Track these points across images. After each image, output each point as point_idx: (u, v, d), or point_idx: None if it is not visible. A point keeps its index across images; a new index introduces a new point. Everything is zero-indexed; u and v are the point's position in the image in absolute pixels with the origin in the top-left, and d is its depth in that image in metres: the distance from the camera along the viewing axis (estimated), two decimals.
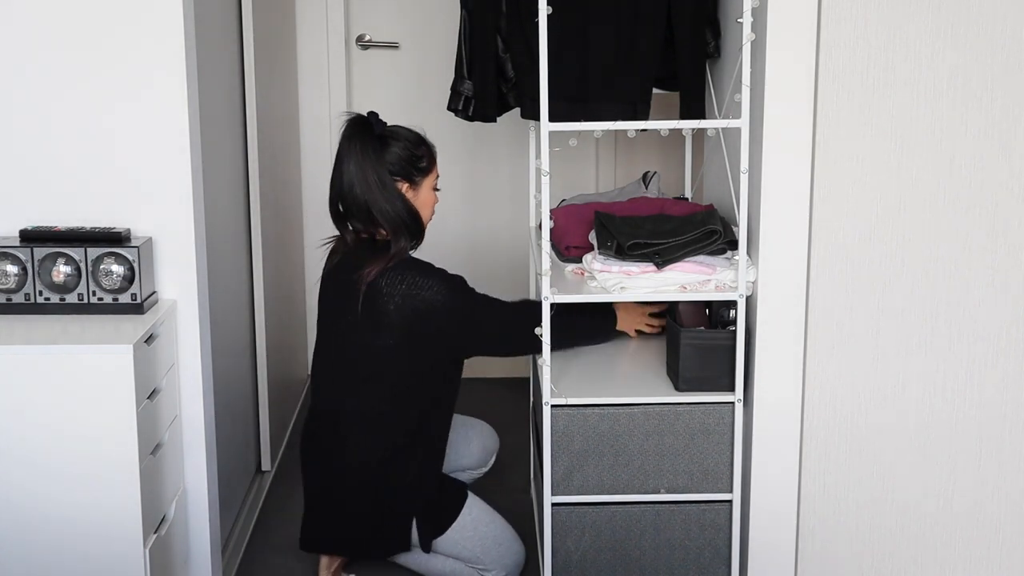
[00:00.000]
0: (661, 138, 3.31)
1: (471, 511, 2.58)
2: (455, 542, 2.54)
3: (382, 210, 2.48)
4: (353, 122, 2.51)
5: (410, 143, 2.52)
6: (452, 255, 4.15)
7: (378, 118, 2.52)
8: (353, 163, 2.47)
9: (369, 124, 2.50)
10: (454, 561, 2.55)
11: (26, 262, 2.20)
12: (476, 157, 4.10)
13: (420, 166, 2.52)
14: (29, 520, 2.06)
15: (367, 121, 2.51)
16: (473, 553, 2.54)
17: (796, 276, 2.39)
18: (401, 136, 2.52)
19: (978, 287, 2.37)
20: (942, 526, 2.47)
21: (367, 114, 2.52)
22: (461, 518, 2.56)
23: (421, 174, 2.53)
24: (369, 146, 2.47)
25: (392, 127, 2.55)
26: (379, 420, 2.56)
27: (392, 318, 2.47)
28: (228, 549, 2.75)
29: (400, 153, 2.49)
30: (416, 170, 2.51)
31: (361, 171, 2.46)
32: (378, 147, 2.48)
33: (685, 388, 2.49)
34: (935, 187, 2.34)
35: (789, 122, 2.33)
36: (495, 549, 2.55)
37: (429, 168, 2.55)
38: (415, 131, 2.56)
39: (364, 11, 4.02)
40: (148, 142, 2.25)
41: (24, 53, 2.22)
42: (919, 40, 2.29)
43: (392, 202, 2.48)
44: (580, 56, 2.63)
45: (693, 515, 2.50)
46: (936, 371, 2.41)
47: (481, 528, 2.55)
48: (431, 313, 2.47)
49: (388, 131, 2.52)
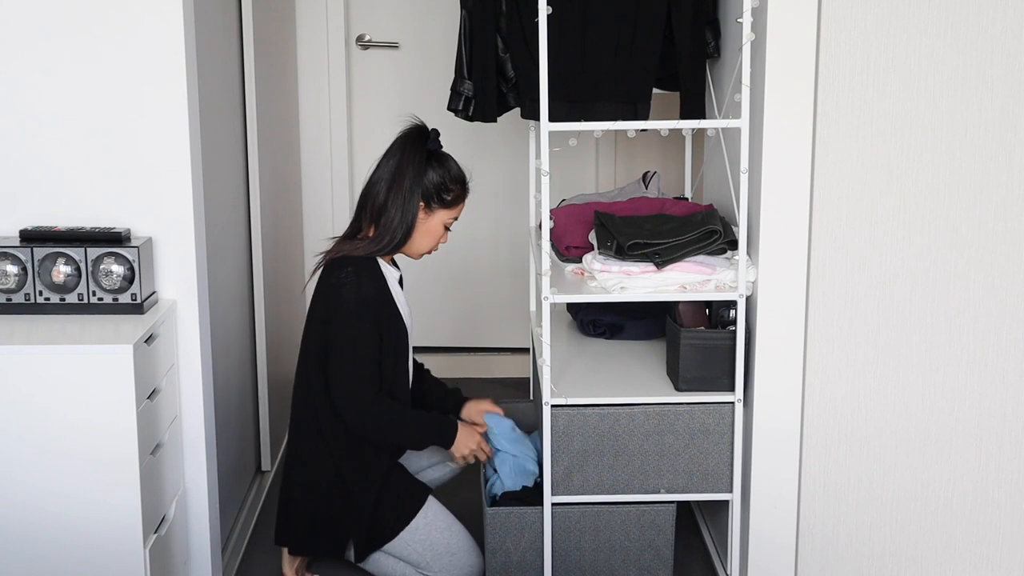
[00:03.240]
0: (661, 138, 3.31)
1: (426, 516, 2.53)
2: (405, 544, 2.50)
3: (390, 213, 2.50)
4: (416, 128, 2.58)
5: (450, 173, 2.57)
6: (452, 255, 4.16)
7: (438, 137, 2.58)
8: (395, 162, 2.53)
9: (426, 137, 2.54)
10: (404, 565, 2.52)
11: (26, 262, 2.20)
12: (476, 157, 4.10)
13: (445, 197, 2.55)
14: (29, 520, 2.06)
15: (427, 133, 2.55)
16: (422, 558, 2.50)
17: (796, 276, 2.39)
18: (446, 163, 2.58)
19: (978, 287, 2.37)
20: (942, 526, 2.47)
21: (432, 129, 2.56)
22: (415, 522, 2.51)
23: (441, 204, 2.55)
24: (418, 156, 2.53)
25: (445, 153, 2.59)
26: (314, 412, 2.55)
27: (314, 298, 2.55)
28: (228, 549, 2.75)
29: (436, 176, 2.54)
30: (439, 199, 2.55)
31: (399, 172, 2.51)
32: (423, 161, 2.52)
33: (685, 388, 2.49)
34: (935, 187, 2.34)
35: (789, 122, 2.33)
36: (446, 557, 2.50)
37: (452, 204, 2.58)
38: (462, 169, 2.61)
39: (364, 11, 4.01)
40: (148, 142, 2.25)
41: (24, 53, 2.22)
42: (919, 40, 2.29)
43: (403, 211, 2.51)
44: (580, 56, 2.63)
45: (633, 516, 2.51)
46: (936, 371, 2.41)
47: (434, 535, 2.50)
48: (330, 307, 2.50)
49: (439, 153, 2.58)
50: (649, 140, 3.85)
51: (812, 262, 2.39)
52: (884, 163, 2.34)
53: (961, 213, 2.35)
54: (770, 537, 2.50)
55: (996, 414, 2.42)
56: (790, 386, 2.43)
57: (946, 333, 2.40)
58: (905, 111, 2.32)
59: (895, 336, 2.40)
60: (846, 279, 2.39)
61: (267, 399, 3.23)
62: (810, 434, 2.46)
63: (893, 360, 2.41)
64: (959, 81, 2.30)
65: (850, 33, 2.29)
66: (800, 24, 2.29)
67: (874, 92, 2.31)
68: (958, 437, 2.44)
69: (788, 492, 2.48)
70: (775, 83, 2.32)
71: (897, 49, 2.30)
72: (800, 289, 2.40)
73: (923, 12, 2.28)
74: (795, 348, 2.42)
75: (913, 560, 2.50)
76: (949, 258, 2.37)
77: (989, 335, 2.39)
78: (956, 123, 2.32)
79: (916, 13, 2.28)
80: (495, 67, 2.79)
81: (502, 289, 4.12)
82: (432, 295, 4.10)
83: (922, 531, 2.48)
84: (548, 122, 2.37)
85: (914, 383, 2.42)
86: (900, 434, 2.44)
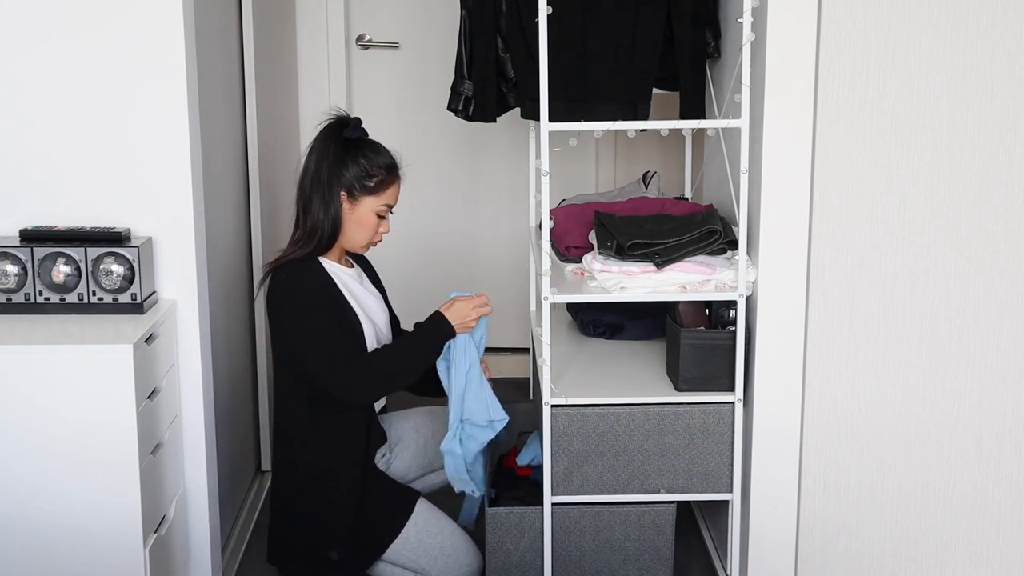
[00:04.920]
0: (661, 138, 3.31)
1: (416, 523, 2.48)
2: (399, 553, 2.46)
3: (314, 209, 2.45)
4: (334, 120, 2.51)
5: (371, 160, 2.47)
6: (452, 255, 4.16)
7: (359, 125, 2.48)
8: (315, 157, 2.47)
9: (343, 126, 2.49)
10: (402, 571, 2.51)
11: (26, 262, 2.20)
12: (476, 157, 4.10)
13: (367, 183, 2.46)
14: (29, 519, 2.06)
15: (345, 123, 2.50)
16: (418, 564, 2.47)
17: (796, 276, 2.39)
18: (368, 150, 2.48)
19: (978, 287, 2.37)
20: (942, 526, 2.47)
21: (352, 118, 2.50)
22: (404, 532, 2.47)
23: (364, 191, 2.46)
24: (334, 146, 2.46)
25: (368, 140, 2.50)
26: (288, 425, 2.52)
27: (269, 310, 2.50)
28: (228, 549, 2.75)
29: (356, 165, 2.45)
30: (361, 186, 2.45)
31: (317, 166, 2.46)
32: (340, 150, 2.45)
33: (685, 388, 2.49)
34: (935, 187, 2.34)
35: (789, 122, 2.33)
36: (441, 560, 2.48)
37: (376, 190, 2.47)
38: (389, 153, 2.50)
39: (364, 11, 4.01)
40: (148, 142, 2.25)
41: (24, 53, 2.22)
42: (919, 40, 2.29)
43: (325, 205, 2.45)
44: (580, 56, 2.63)
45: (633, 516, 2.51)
46: (936, 371, 2.41)
47: (427, 540, 2.47)
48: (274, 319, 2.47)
49: (360, 141, 2.48)
50: (649, 140, 3.85)
51: (812, 262, 2.39)
52: (884, 163, 2.34)
53: (961, 213, 2.35)
54: (770, 537, 2.50)
55: (996, 414, 2.42)
56: (790, 386, 2.43)
57: (946, 333, 2.40)
58: (905, 111, 2.32)
59: (895, 336, 2.40)
60: (846, 279, 2.39)
61: (267, 399, 3.23)
62: (810, 434, 2.46)
63: (893, 360, 2.41)
64: (959, 81, 2.30)
65: (850, 33, 2.29)
66: (800, 24, 2.29)
67: (874, 92, 2.31)
68: (958, 437, 2.44)
69: (788, 492, 2.48)
70: (775, 83, 2.32)
71: (897, 49, 2.30)
72: (800, 289, 2.40)
73: (923, 12, 2.28)
74: (795, 348, 2.42)
75: (913, 560, 2.50)
76: (949, 258, 2.37)
77: (989, 335, 2.39)
78: (956, 123, 2.32)
79: (916, 13, 2.28)
80: (495, 67, 2.78)
81: (502, 289, 4.12)
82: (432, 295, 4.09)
83: (922, 531, 2.48)
84: (548, 122, 2.37)
85: (914, 383, 2.42)
86: (900, 434, 2.44)
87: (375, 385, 2.45)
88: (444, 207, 4.11)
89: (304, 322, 2.41)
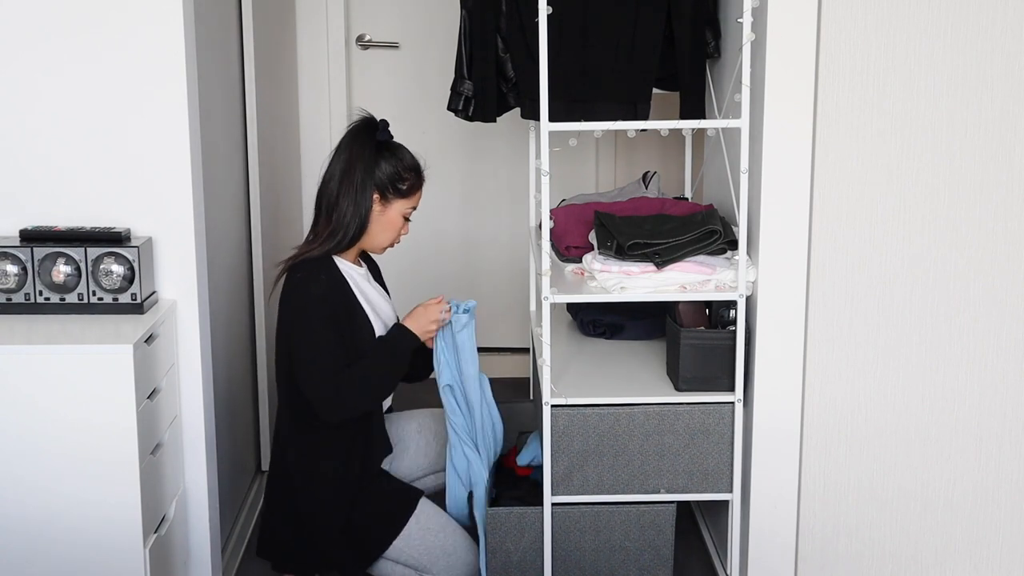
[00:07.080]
0: (661, 138, 3.31)
1: (419, 520, 2.50)
2: (400, 551, 2.48)
3: (343, 208, 2.47)
4: (364, 121, 2.53)
5: (402, 163, 2.51)
6: (452, 255, 4.16)
7: (387, 128, 2.53)
8: (345, 157, 2.48)
9: (374, 128, 2.51)
10: (403, 568, 2.51)
11: (26, 262, 2.20)
12: (476, 157, 4.10)
13: (400, 187, 2.50)
14: (29, 519, 2.06)
15: (375, 125, 2.51)
16: (420, 562, 2.48)
17: (796, 276, 2.39)
18: (398, 153, 2.52)
19: (978, 287, 2.37)
20: (942, 526, 2.47)
21: (380, 120, 2.53)
22: (407, 529, 2.48)
23: (397, 195, 2.50)
24: (367, 148, 2.48)
25: (396, 143, 2.54)
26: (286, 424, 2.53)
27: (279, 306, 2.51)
28: (228, 549, 2.75)
29: (389, 167, 2.49)
30: (394, 189, 2.49)
31: (349, 166, 2.47)
32: (373, 152, 2.48)
33: (685, 388, 2.49)
34: (935, 187, 2.34)
35: (789, 122, 2.33)
36: (443, 559, 2.49)
37: (408, 193, 2.52)
38: (415, 157, 2.55)
39: (364, 11, 4.01)
40: (148, 142, 2.25)
41: (24, 53, 2.22)
42: (919, 40, 2.29)
43: (356, 205, 2.47)
44: (580, 56, 2.63)
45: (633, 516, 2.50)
46: (936, 371, 2.41)
47: (429, 538, 2.48)
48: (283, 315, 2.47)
49: (390, 144, 2.52)
50: (649, 140, 3.85)
51: (812, 262, 2.39)
52: (884, 163, 2.34)
53: (961, 213, 2.35)
54: (770, 537, 2.50)
55: (996, 414, 2.42)
56: (790, 386, 2.44)
57: (946, 333, 2.40)
58: (905, 111, 2.32)
59: (895, 336, 2.40)
60: (846, 279, 2.39)
61: (267, 399, 3.23)
62: (810, 434, 2.46)
63: (893, 360, 2.41)
64: (959, 81, 2.30)
65: (850, 33, 2.29)
66: (800, 24, 2.29)
67: (874, 92, 2.31)
68: (958, 437, 2.44)
69: (788, 492, 2.48)
70: (775, 83, 2.32)
71: (897, 49, 2.30)
72: (800, 289, 2.40)
73: (923, 12, 2.28)
74: (795, 348, 2.42)
75: (913, 560, 2.50)
76: (949, 258, 2.37)
77: (989, 335, 2.39)
78: (956, 123, 2.32)
79: (916, 13, 2.28)
80: (495, 67, 2.78)
81: (502, 289, 4.12)
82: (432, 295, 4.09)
83: (922, 531, 2.48)
84: (548, 122, 2.37)
85: (914, 383, 2.42)
86: (900, 434, 2.45)
87: (351, 405, 2.44)
88: (444, 207, 4.11)
89: (304, 329, 2.42)
